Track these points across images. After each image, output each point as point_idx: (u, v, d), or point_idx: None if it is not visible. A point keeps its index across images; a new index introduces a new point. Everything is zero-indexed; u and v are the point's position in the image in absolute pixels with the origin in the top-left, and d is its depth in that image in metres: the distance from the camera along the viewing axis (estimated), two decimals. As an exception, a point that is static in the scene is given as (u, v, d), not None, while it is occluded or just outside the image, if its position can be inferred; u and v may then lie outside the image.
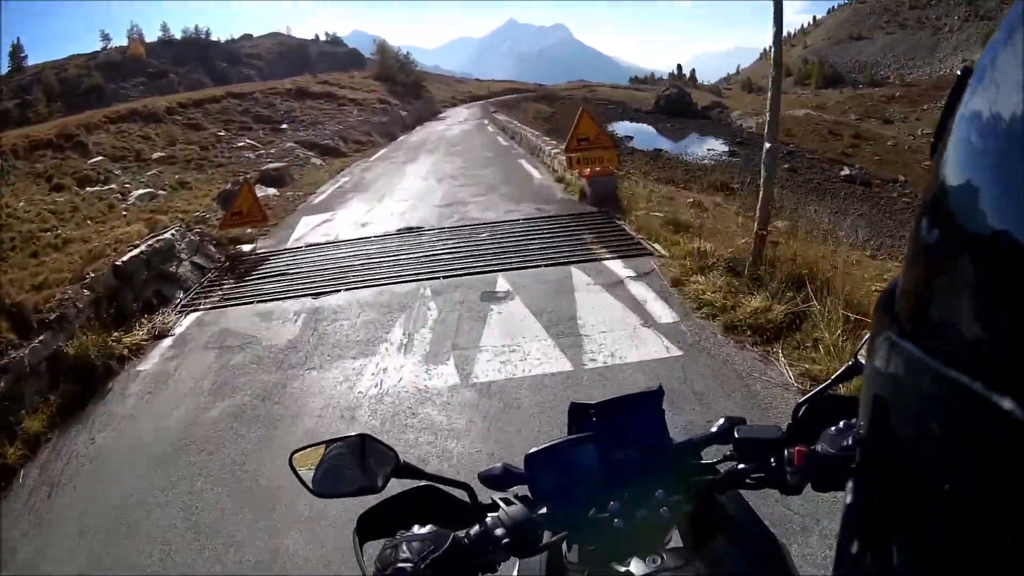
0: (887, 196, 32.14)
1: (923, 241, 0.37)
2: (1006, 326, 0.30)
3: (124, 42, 77.76)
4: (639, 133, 44.71)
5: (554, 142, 15.15)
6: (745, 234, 6.39)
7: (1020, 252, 0.28)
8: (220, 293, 7.62)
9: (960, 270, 0.33)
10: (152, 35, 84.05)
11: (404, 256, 7.80)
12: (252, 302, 7.03)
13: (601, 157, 9.55)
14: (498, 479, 1.11)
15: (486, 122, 30.85)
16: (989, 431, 0.30)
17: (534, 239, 7.86)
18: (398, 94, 40.16)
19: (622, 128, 45.61)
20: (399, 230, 9.25)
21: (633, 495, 1.05)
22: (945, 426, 0.34)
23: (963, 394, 0.31)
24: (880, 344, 0.42)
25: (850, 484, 0.49)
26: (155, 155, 20.55)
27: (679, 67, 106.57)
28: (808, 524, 2.79)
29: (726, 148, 40.94)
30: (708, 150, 40.50)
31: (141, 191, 15.20)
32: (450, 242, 8.14)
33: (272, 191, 14.57)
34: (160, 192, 15.37)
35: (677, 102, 53.07)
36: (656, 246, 7.09)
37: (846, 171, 34.75)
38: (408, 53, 49.07)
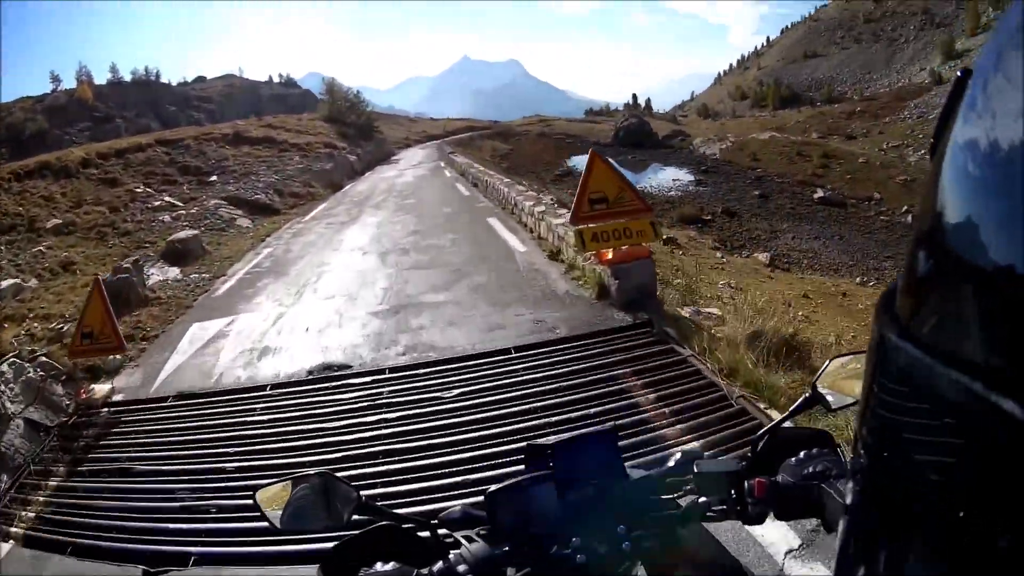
0: (863, 215, 31.22)
1: (923, 241, 0.37)
2: (1007, 326, 0.30)
3: (74, 84, 74.35)
4: None
5: (532, 193, 12.97)
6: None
7: (1021, 252, 0.29)
8: (42, 497, 4.73)
9: (960, 270, 0.33)
10: (101, 77, 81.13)
11: (306, 450, 4.52)
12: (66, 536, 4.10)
13: (628, 227, 6.15)
14: (457, 522, 1.10)
15: (442, 164, 28.41)
16: (990, 432, 0.31)
17: (547, 409, 4.49)
18: (348, 137, 37.53)
19: (581, 163, 43.58)
20: (312, 372, 6.00)
21: (594, 532, 1.04)
22: (945, 427, 0.34)
23: (963, 394, 0.32)
24: (880, 344, 0.42)
25: (850, 485, 0.48)
26: (51, 223, 17.24)
27: (634, 96, 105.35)
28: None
29: (692, 177, 39.90)
30: (674, 180, 39.45)
31: (7, 282, 11.91)
32: (392, 410, 4.84)
33: (174, 273, 11.71)
34: (31, 282, 12.25)
35: (636, 132, 52.39)
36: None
37: (819, 193, 33.82)
38: (358, 92, 46.76)
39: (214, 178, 23.90)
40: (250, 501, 3.00)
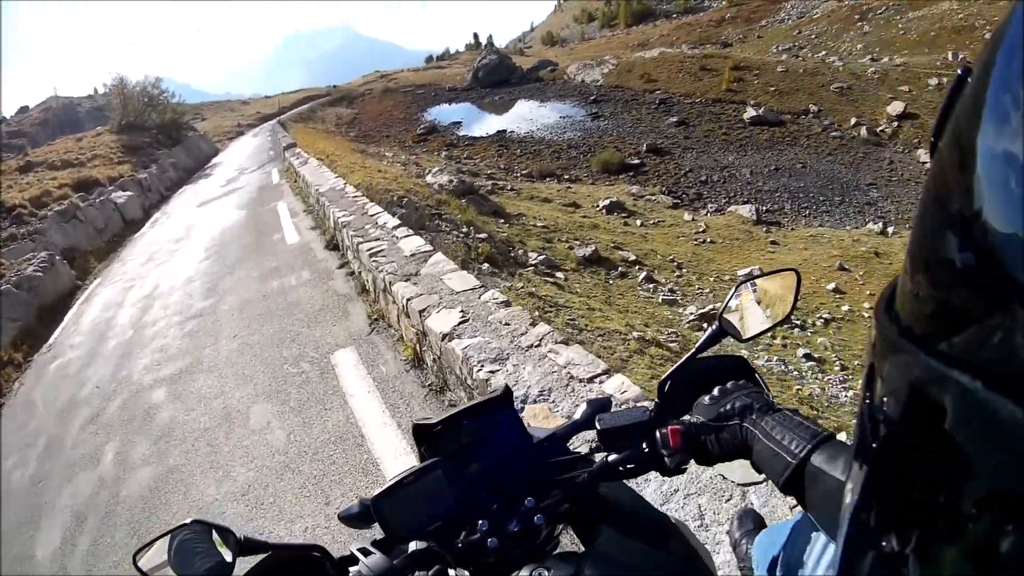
0: (810, 133, 26.39)
1: (923, 240, 0.37)
2: (1007, 326, 0.30)
3: None
4: (466, 115, 38.09)
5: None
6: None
7: (1021, 252, 0.29)
8: None
9: (961, 269, 0.33)
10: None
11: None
12: None
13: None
14: (357, 517, 1.04)
15: (276, 179, 18.58)
16: (990, 432, 0.31)
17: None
18: (140, 149, 27.93)
19: (443, 113, 39.20)
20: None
21: (501, 508, 1.00)
22: (945, 427, 0.34)
23: (964, 395, 0.32)
24: (880, 343, 0.42)
25: (849, 486, 0.48)
26: None
27: (475, 36, 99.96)
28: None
29: (584, 111, 34.08)
30: (563, 118, 33.51)
31: None
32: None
33: None
34: None
35: (498, 69, 46.59)
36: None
37: (751, 112, 28.35)
38: (158, 81, 36.88)
39: None
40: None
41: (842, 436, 6.43)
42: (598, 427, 1.02)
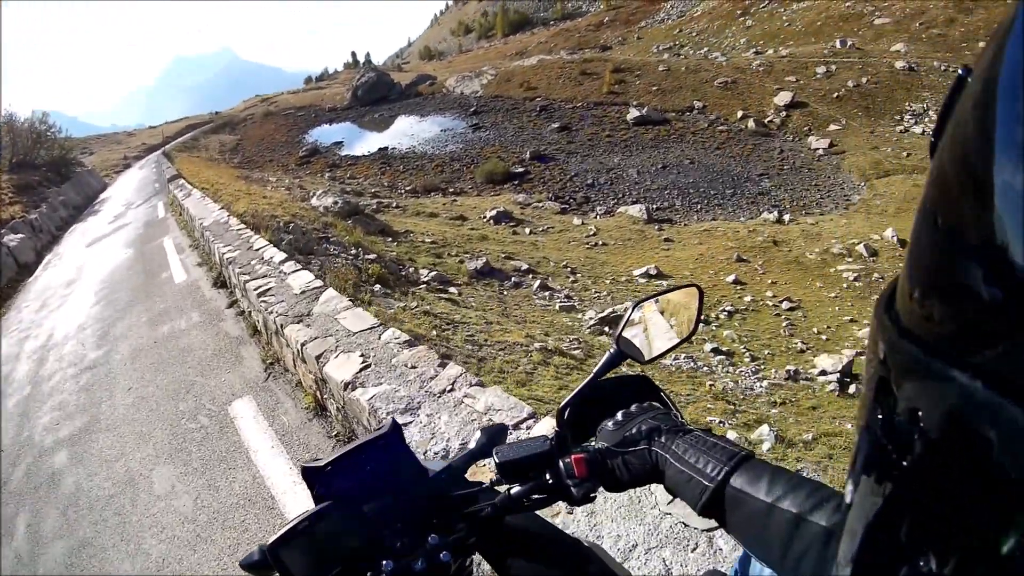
0: (696, 129, 27.03)
1: (923, 241, 0.37)
2: (1008, 328, 0.30)
3: None
4: (347, 134, 38.08)
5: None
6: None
7: (1022, 253, 0.29)
8: None
9: (961, 270, 0.33)
10: None
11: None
12: None
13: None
14: (258, 564, 0.94)
15: (162, 213, 17.84)
16: (991, 433, 0.31)
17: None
18: (28, 189, 25.30)
19: (324, 134, 39.08)
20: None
21: (405, 547, 0.96)
22: (945, 428, 0.34)
23: (964, 395, 0.32)
24: (880, 344, 0.41)
25: (849, 488, 0.47)
26: None
27: (353, 54, 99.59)
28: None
29: (465, 123, 34.29)
30: (444, 131, 33.60)
31: None
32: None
33: None
34: None
35: (377, 87, 46.76)
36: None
37: (634, 112, 28.95)
38: (45, 116, 33.96)
39: None
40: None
41: (765, 439, 6.16)
42: (496, 460, 0.98)
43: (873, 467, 0.42)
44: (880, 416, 0.40)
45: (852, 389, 7.66)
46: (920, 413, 0.35)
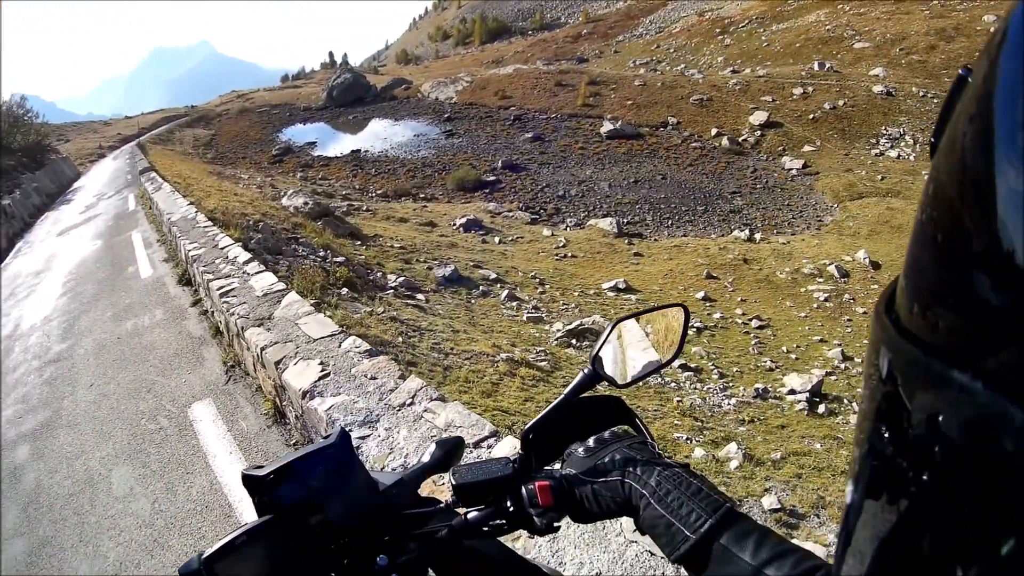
0: (670, 145, 27.12)
1: (923, 241, 0.37)
2: (1009, 328, 0.30)
3: None
4: (321, 135, 37.82)
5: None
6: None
7: (1022, 254, 0.29)
8: None
9: (962, 271, 0.33)
10: None
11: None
12: None
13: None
14: (195, 574, 0.87)
15: (132, 206, 17.88)
16: (991, 434, 0.31)
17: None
18: (10, 172, 25.45)
19: (298, 133, 38.88)
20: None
21: (352, 567, 0.92)
22: (946, 428, 0.34)
23: (964, 395, 0.32)
24: (880, 345, 0.41)
25: (849, 487, 0.46)
26: None
27: (331, 55, 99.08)
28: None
29: (438, 129, 34.18)
30: (417, 136, 33.43)
31: None
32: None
33: None
34: None
35: (352, 88, 46.55)
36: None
37: (608, 126, 29.04)
38: (23, 99, 34.71)
39: None
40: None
41: (733, 457, 6.07)
42: (454, 482, 0.93)
43: (884, 486, 0.40)
44: (886, 433, 0.39)
45: (821, 409, 7.63)
46: (940, 419, 0.34)
